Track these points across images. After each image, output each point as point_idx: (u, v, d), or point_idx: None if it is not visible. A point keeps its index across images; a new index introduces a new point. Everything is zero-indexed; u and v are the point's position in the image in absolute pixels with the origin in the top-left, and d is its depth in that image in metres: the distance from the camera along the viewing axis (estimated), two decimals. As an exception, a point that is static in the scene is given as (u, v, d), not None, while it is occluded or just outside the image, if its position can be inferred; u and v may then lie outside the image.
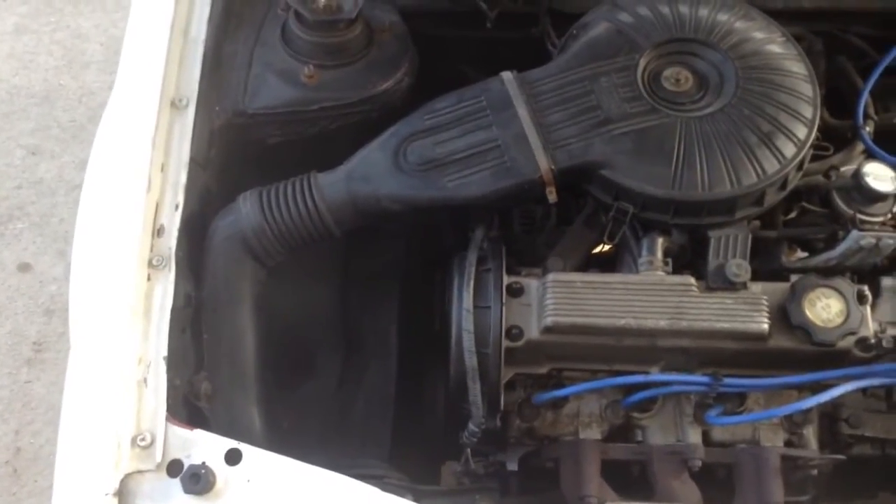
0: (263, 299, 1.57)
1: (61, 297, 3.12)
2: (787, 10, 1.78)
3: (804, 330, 1.42)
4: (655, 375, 1.45)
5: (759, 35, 1.57)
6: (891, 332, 1.47)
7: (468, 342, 1.44)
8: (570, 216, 1.65)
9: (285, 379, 1.72)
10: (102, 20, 3.91)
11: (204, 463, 1.29)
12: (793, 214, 1.63)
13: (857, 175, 1.49)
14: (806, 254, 1.60)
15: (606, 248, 1.64)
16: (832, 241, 1.54)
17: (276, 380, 1.62)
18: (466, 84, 1.61)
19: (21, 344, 3.01)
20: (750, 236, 1.48)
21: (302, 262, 1.67)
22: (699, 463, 1.45)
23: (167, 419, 1.33)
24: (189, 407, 1.44)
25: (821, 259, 1.52)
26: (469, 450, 1.52)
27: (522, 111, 1.50)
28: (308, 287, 1.84)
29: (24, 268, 3.19)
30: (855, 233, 1.47)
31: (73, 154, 3.50)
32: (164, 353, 1.37)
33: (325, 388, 1.82)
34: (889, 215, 1.51)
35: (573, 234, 1.63)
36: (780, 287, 1.47)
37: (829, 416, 1.57)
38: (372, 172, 1.52)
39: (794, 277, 1.50)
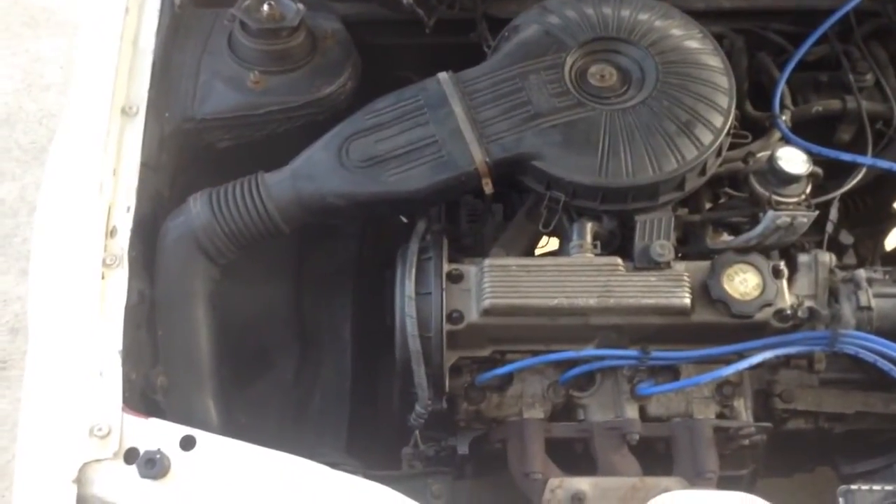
0: (218, 297, 1.62)
1: (25, 315, 3.11)
2: (710, 11, 1.89)
3: (724, 303, 1.51)
4: (587, 351, 1.53)
5: (677, 32, 1.67)
6: (807, 304, 1.57)
7: (411, 327, 1.51)
8: (515, 212, 1.73)
9: (242, 375, 1.78)
10: (62, 44, 3.96)
11: (159, 449, 1.35)
12: (722, 200, 1.73)
13: (772, 159, 1.59)
14: (732, 237, 1.70)
15: (556, 243, 1.73)
16: (753, 223, 1.63)
17: (232, 376, 1.68)
18: None
19: (-15, 362, 3.03)
20: (673, 219, 1.57)
21: (257, 262, 1.74)
22: (637, 437, 1.53)
23: (123, 409, 1.39)
24: (147, 401, 1.50)
25: (742, 239, 1.62)
26: (418, 432, 1.59)
27: (458, 108, 1.58)
28: (264, 286, 1.90)
29: (-13, 287, 3.21)
30: (771, 213, 1.57)
31: (34, 175, 3.52)
32: (119, 347, 1.43)
33: (281, 384, 1.87)
34: (803, 196, 1.60)
35: (515, 226, 1.71)
36: (703, 265, 1.56)
37: (764, 393, 1.66)
38: (316, 170, 1.59)
39: None
